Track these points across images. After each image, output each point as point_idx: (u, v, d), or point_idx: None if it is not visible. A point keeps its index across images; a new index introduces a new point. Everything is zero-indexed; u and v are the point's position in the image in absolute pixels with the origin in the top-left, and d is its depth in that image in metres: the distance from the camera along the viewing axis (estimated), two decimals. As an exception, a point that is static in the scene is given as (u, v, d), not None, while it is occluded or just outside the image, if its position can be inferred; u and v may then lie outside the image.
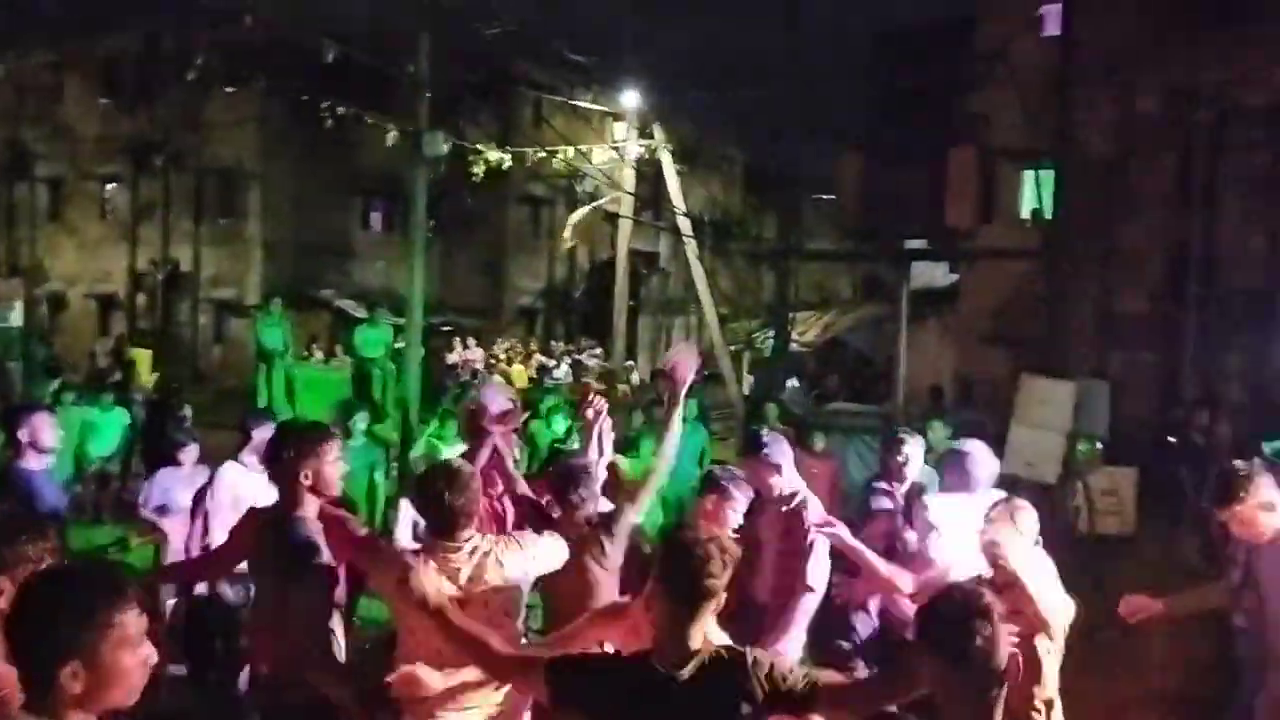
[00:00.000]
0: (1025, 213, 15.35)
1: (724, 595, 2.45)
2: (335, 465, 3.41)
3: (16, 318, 17.07)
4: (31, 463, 4.44)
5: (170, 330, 26.07)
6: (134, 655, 1.83)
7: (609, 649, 3.32)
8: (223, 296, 25.23)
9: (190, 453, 6.13)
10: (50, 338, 23.77)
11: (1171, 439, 9.22)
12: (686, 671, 2.39)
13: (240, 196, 24.96)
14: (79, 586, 1.83)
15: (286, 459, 3.33)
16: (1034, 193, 14.98)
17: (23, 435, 4.41)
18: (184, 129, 24.69)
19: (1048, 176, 14.05)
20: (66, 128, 26.94)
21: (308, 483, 3.33)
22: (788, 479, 4.30)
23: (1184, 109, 13.53)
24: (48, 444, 4.49)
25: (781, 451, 4.30)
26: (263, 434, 5.40)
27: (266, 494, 5.45)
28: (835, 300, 24.50)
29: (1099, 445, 7.76)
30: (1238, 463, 4.00)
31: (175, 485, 5.98)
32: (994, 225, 10.50)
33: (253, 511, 3.60)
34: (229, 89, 23.03)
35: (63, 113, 27.29)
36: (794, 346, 16.14)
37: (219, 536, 4.89)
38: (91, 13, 24.12)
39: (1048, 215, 14.43)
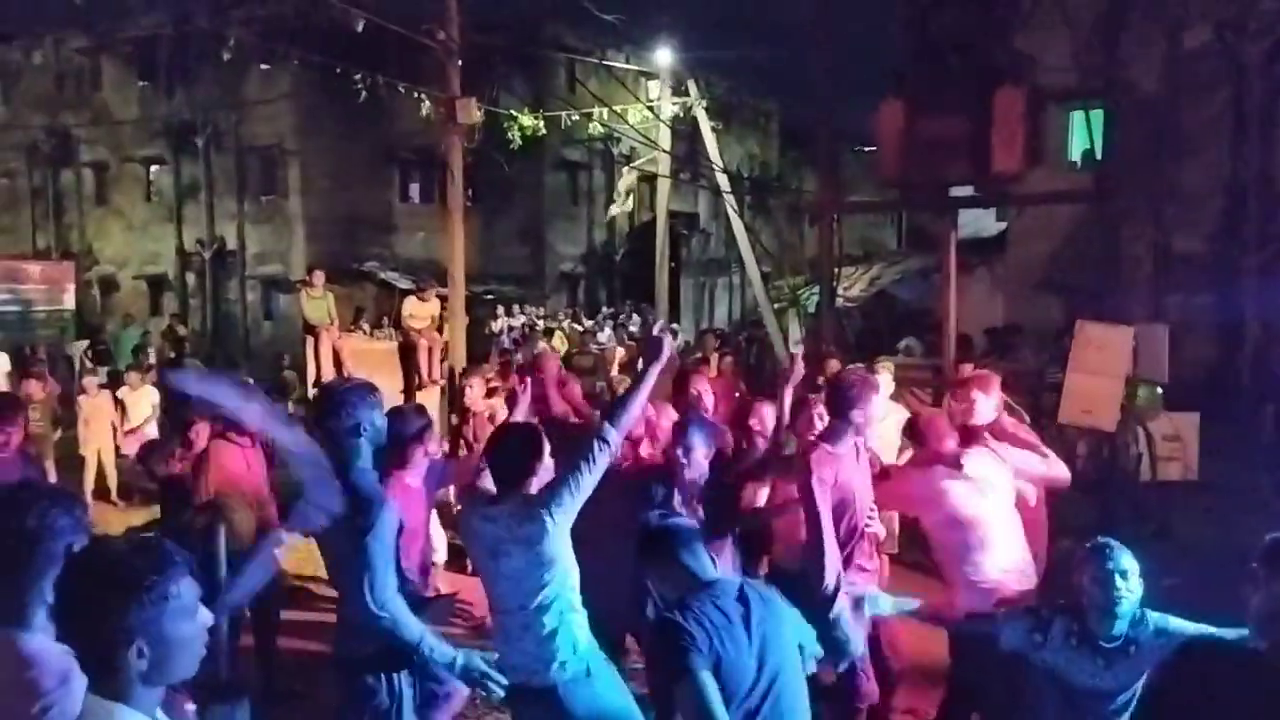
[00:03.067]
0: (1075, 155, 14.95)
1: None
2: (384, 418, 3.54)
3: (69, 301, 17.41)
4: None
5: (220, 308, 26.47)
6: (193, 624, 1.81)
7: None
8: (268, 273, 25.53)
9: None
10: (102, 321, 24.22)
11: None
12: None
13: (280, 173, 25.18)
14: (129, 562, 1.77)
15: (345, 414, 3.40)
16: (1084, 134, 14.57)
17: None
18: (222, 108, 24.90)
19: (1098, 116, 13.64)
20: (107, 112, 27.26)
21: (367, 435, 3.41)
22: None
23: (1235, 42, 13.04)
24: None
25: None
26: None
27: (253, 471, 5.60)
28: (880, 253, 24.15)
29: (1159, 390, 7.56)
30: None
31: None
32: (1043, 169, 10.17)
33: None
34: (264, 66, 23.15)
35: (102, 98, 27.61)
36: (840, 301, 15.94)
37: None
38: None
39: (1099, 157, 14.04)
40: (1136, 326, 7.89)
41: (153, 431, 10.22)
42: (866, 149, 18.26)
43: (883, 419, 5.81)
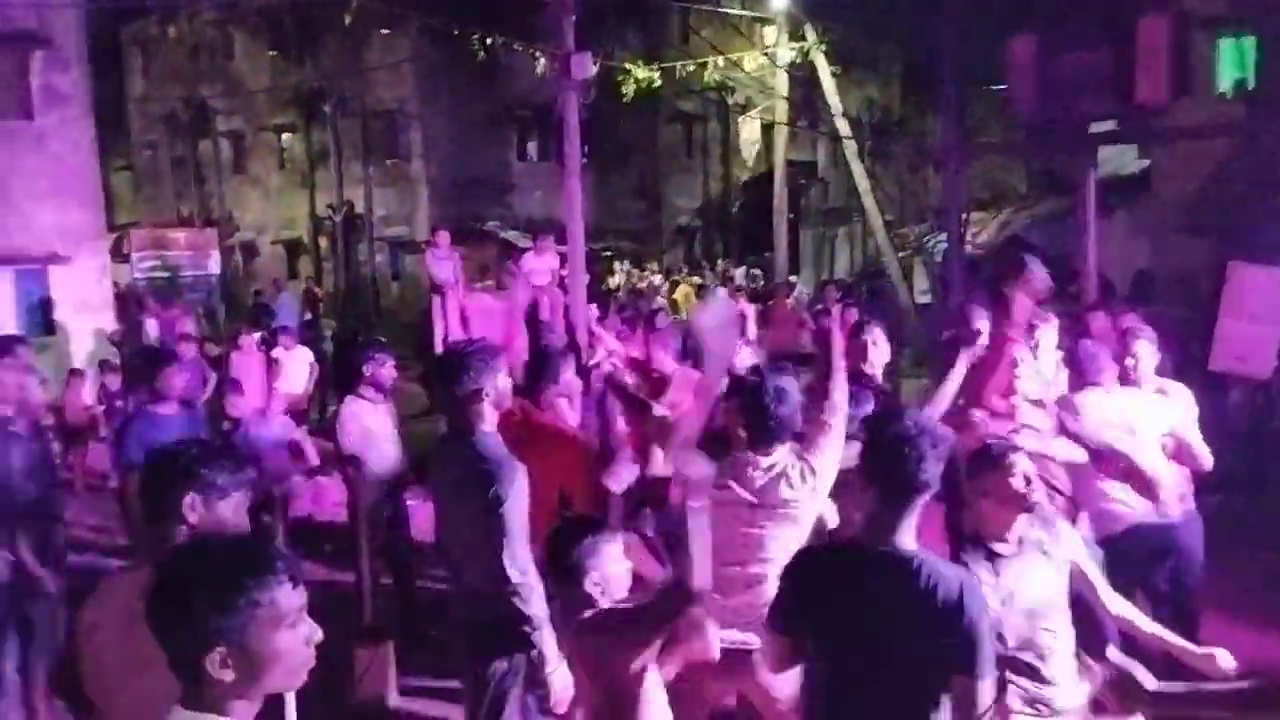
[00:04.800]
0: (1225, 85, 13.98)
1: None
2: (507, 379, 3.48)
3: (214, 266, 18.32)
4: None
5: (351, 270, 27.40)
6: (292, 635, 1.62)
7: None
8: (395, 235, 26.25)
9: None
10: (247, 285, 25.39)
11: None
12: None
13: (403, 137, 25.76)
14: (220, 563, 1.62)
15: (467, 378, 3.34)
16: (1234, 62, 13.61)
17: None
18: (347, 75, 25.57)
19: (1249, 43, 12.72)
20: (240, 82, 28.34)
21: (490, 398, 3.36)
22: None
23: None
24: None
25: None
26: (375, 368, 5.72)
27: (386, 426, 5.74)
28: (1009, 197, 23.19)
29: (1320, 336, 7.05)
30: None
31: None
32: (1189, 101, 9.53)
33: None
34: (384, 31, 23.62)
35: (235, 68, 28.70)
36: (968, 249, 15.41)
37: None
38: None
39: (1250, 86, 13.12)
40: (1295, 268, 7.37)
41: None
42: (994, 87, 17.51)
43: None
